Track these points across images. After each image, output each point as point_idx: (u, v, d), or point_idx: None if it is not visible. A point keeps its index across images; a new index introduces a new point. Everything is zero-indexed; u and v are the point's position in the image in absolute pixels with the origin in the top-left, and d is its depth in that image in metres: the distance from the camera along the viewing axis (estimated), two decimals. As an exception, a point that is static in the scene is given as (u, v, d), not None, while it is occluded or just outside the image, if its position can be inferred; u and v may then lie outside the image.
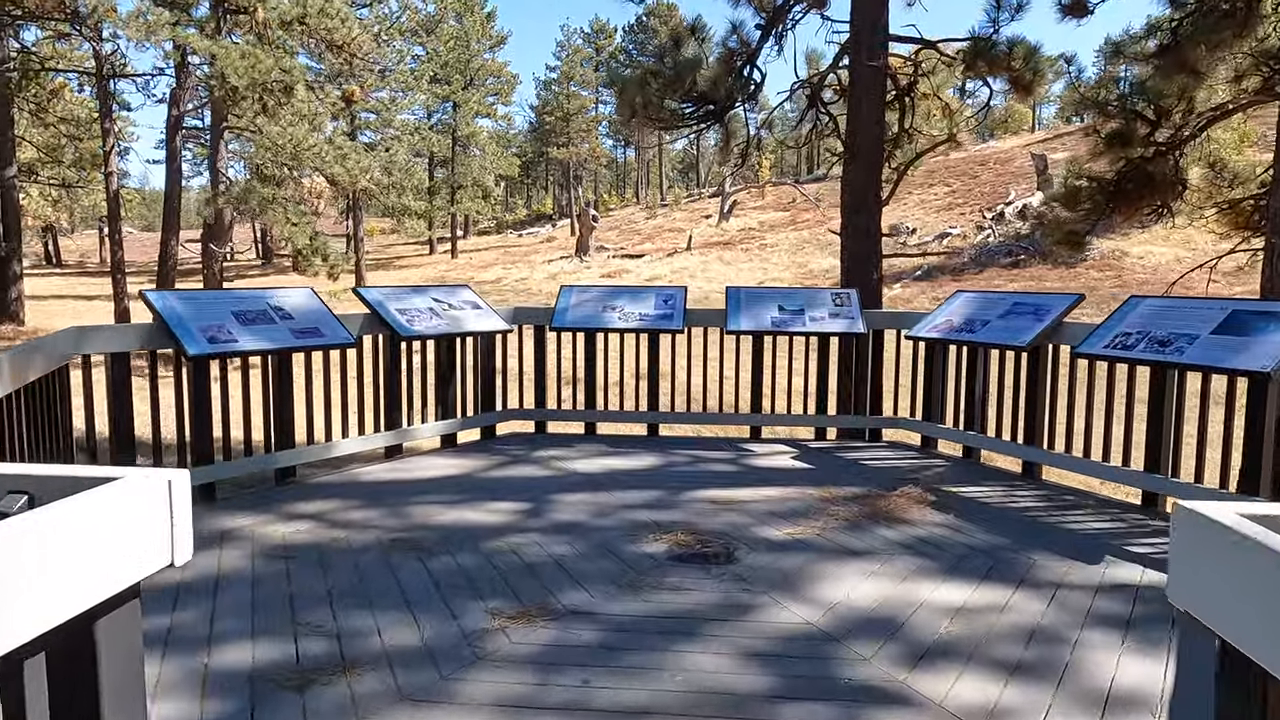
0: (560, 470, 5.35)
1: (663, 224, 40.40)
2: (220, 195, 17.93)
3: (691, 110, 10.46)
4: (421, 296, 5.80)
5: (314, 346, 4.81)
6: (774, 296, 6.34)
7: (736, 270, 28.48)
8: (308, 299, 5.09)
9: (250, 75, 16.76)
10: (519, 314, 6.47)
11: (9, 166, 20.66)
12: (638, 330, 6.20)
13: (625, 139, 58.08)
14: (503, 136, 44.68)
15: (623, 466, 5.45)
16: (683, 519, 4.37)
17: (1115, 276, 25.79)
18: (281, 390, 4.95)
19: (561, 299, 6.42)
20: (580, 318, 6.24)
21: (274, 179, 19.77)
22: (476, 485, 5.01)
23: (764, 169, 44.48)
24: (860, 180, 9.46)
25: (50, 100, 22.40)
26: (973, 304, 5.69)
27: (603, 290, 6.55)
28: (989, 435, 5.65)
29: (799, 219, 36.32)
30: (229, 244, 26.29)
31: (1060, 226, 10.75)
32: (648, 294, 6.45)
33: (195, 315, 4.47)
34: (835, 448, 6.08)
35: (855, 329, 6.01)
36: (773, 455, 5.81)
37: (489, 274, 33.28)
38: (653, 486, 4.98)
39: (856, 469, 5.46)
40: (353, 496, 4.75)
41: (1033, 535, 4.17)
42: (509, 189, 59.57)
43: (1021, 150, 41.38)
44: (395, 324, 5.36)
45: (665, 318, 6.21)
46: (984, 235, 30.51)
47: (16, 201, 20.97)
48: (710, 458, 5.73)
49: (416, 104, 36.33)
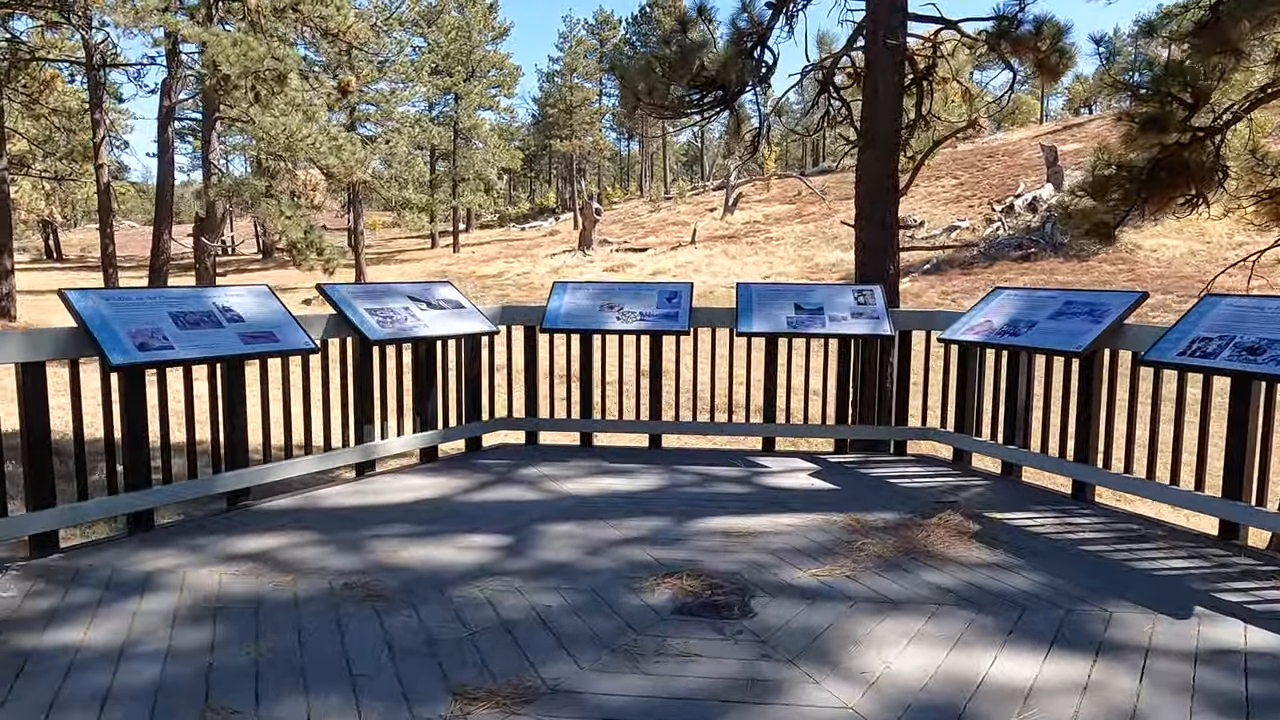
0: (550, 492, 4.69)
1: (667, 217, 39.68)
2: (212, 187, 17.28)
3: (699, 97, 9.77)
4: (396, 295, 5.14)
5: (265, 353, 4.16)
6: (789, 294, 5.67)
7: (741, 264, 27.78)
8: (262, 299, 4.43)
9: (242, 63, 16.09)
10: (507, 313, 5.81)
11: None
12: (638, 331, 5.53)
13: (629, 131, 57.25)
14: (505, 129, 43.93)
15: (621, 488, 4.80)
16: (689, 557, 3.71)
17: (1128, 270, 25.10)
18: (231, 402, 4.30)
19: (554, 297, 5.76)
20: (575, 318, 5.58)
21: (269, 171, 19.11)
22: (452, 512, 4.35)
23: (769, 161, 43.72)
24: (876, 169, 8.78)
25: (42, 91, 21.76)
26: (1016, 303, 5.01)
27: (600, 287, 5.88)
28: (1032, 450, 4.98)
29: (805, 212, 35.58)
30: (223, 238, 25.67)
31: (1088, 217, 10.04)
32: (649, 291, 5.78)
33: (125, 318, 3.82)
34: (858, 463, 5.42)
35: (881, 330, 5.34)
36: (790, 473, 5.15)
37: (491, 268, 32.62)
38: (655, 513, 4.32)
39: (885, 489, 4.79)
40: (309, 526, 4.10)
41: (1101, 577, 3.51)
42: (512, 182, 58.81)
43: (1030, 142, 40.55)
44: (363, 326, 4.70)
45: (669, 317, 5.54)
46: (993, 228, 29.79)
47: (7, 195, 20.36)
48: (719, 475, 5.07)
49: (417, 96, 35.62)
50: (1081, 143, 39.43)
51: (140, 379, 3.91)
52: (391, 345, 4.94)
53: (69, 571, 3.50)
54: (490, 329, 5.42)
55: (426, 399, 5.29)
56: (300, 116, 17.48)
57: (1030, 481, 5.06)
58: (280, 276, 31.77)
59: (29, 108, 21.47)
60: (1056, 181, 31.72)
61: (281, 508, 4.41)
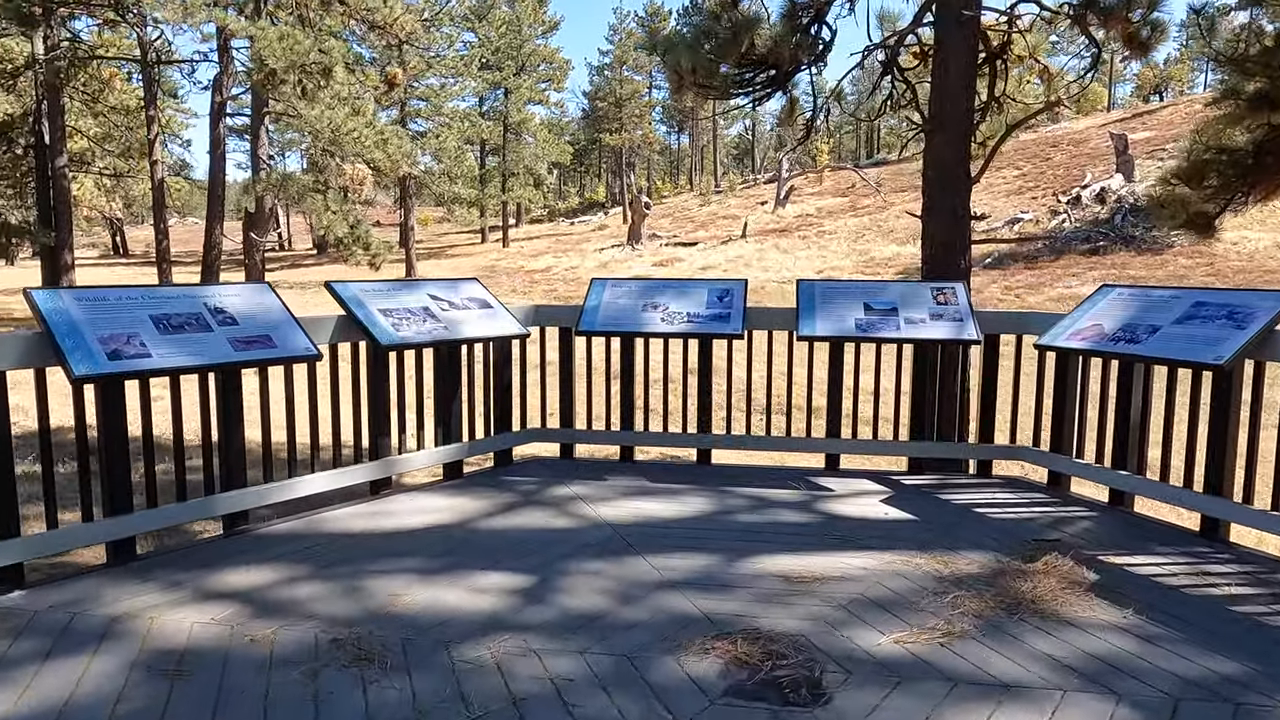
0: (582, 519, 4.08)
1: (717, 211, 38.84)
2: (259, 183, 17.12)
3: (749, 76, 9.06)
4: (415, 293, 4.58)
5: (259, 361, 3.63)
6: (857, 291, 4.95)
7: (794, 259, 26.89)
8: (260, 297, 3.90)
9: (288, 57, 15.83)
10: (540, 314, 5.21)
11: (59, 156, 20.24)
12: (685, 334, 4.88)
13: (679, 125, 56.40)
14: (555, 124, 43.52)
15: (663, 513, 4.16)
16: (742, 609, 3.06)
17: (1207, 264, 23.56)
18: (227, 415, 3.79)
19: (591, 295, 5.14)
20: (614, 319, 4.95)
21: (317, 165, 18.92)
22: (470, 542, 3.77)
23: (822, 154, 42.54)
24: (947, 155, 7.97)
25: (101, 90, 21.96)
26: (1131, 303, 4.23)
27: (642, 284, 5.23)
28: (1149, 477, 4.20)
29: (859, 205, 34.42)
30: (277, 232, 25.75)
31: (1184, 207, 9.06)
32: (698, 288, 5.12)
33: (97, 322, 3.32)
34: (936, 486, 4.69)
35: (967, 335, 4.60)
36: (858, 496, 4.45)
37: (539, 262, 32.27)
38: (701, 548, 3.68)
39: (972, 521, 4.07)
40: (308, 557, 3.56)
41: (1265, 652, 2.76)
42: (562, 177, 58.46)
43: (1097, 130, 38.63)
44: (375, 329, 4.15)
45: (720, 319, 4.88)
46: (1059, 220, 28.35)
47: (67, 191, 20.57)
48: (776, 500, 4.40)
49: (467, 91, 35.36)
50: (1153, 130, 37.42)
51: (118, 390, 3.42)
52: (410, 350, 4.38)
53: (24, 615, 3.01)
54: (520, 331, 4.82)
55: (450, 409, 4.73)
56: (346, 110, 17.19)
57: (1144, 514, 4.28)
58: (334, 272, 31.87)
59: (89, 106, 21.68)
60: (1127, 171, 30.07)
61: (282, 532, 3.89)
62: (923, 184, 8.66)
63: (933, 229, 8.35)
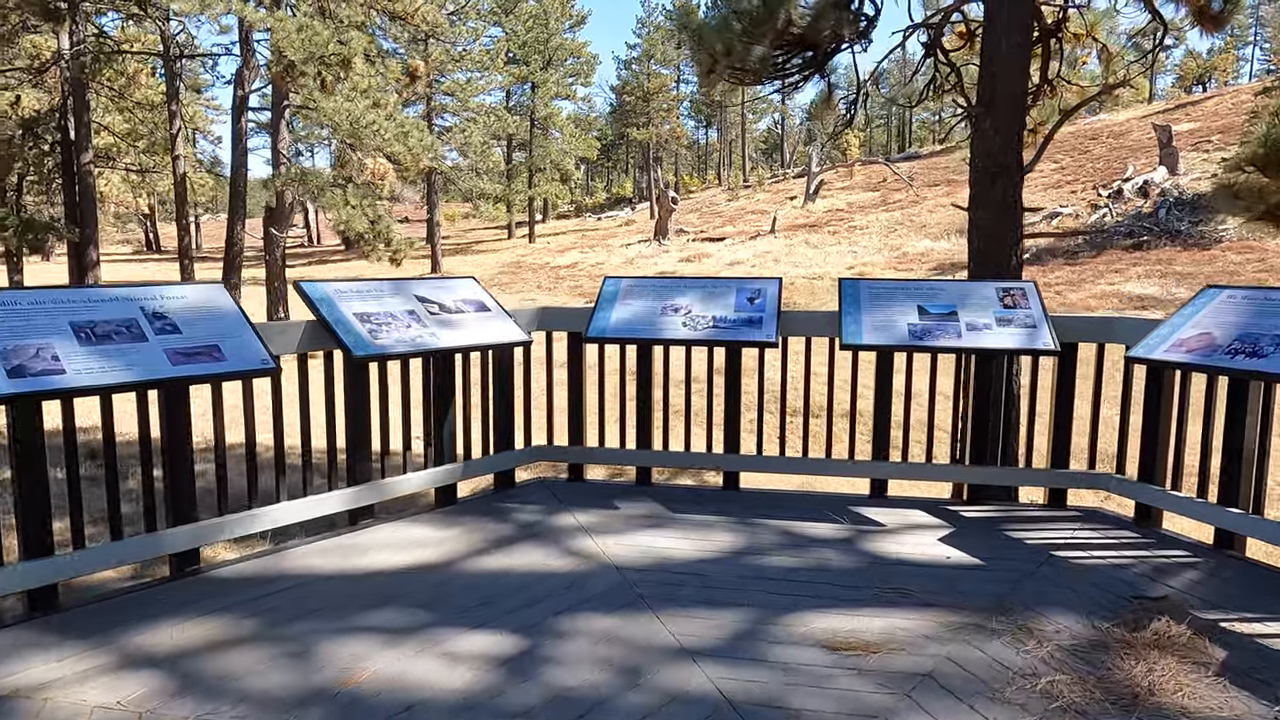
0: (587, 559, 3.45)
1: (745, 206, 38.01)
2: (278, 177, 16.71)
3: (784, 58, 8.34)
4: (400, 294, 3.96)
5: (201, 377, 3.04)
6: (909, 292, 4.25)
7: (824, 254, 26.04)
8: (211, 299, 3.31)
9: (306, 49, 15.37)
10: (546, 316, 4.58)
11: (85, 152, 20.03)
12: (710, 341, 4.22)
13: (707, 118, 55.47)
14: (582, 119, 42.91)
15: (682, 553, 3.52)
16: (776, 694, 2.41)
17: (1259, 260, 22.38)
18: (174, 436, 3.21)
19: (604, 295, 4.49)
20: (629, 324, 4.30)
21: (340, 159, 18.49)
22: (454, 590, 3.16)
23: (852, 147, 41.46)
24: (997, 141, 7.21)
25: (127, 86, 21.74)
26: (1244, 308, 3.49)
27: (662, 283, 4.57)
28: (1267, 517, 3.47)
29: (890, 200, 33.41)
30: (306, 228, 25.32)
31: (1262, 197, 8.21)
32: (725, 288, 4.46)
33: (4, 331, 2.75)
34: (1002, 518, 3.99)
35: (1042, 343, 3.88)
36: (911, 532, 3.77)
37: (565, 258, 31.71)
38: (726, 601, 3.03)
39: (1053, 568, 3.37)
40: (261, 610, 2.96)
41: None
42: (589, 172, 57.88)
43: (1139, 122, 37.21)
44: (348, 337, 3.54)
45: (750, 324, 4.21)
46: (1100, 214, 27.21)
47: (92, 187, 20.36)
48: (816, 536, 3.73)
49: (494, 85, 34.83)
50: (1197, 122, 35.94)
51: (32, 410, 2.84)
52: (396, 360, 3.77)
53: (-103, 689, 2.45)
54: (521, 338, 4.19)
55: (442, 426, 4.12)
56: (366, 103, 16.71)
57: (1261, 560, 3.55)
58: (360, 268, 31.60)
59: (115, 101, 21.47)
60: (1171, 164, 28.82)
61: (237, 575, 3.30)
62: (970, 173, 7.90)
63: (981, 221, 7.59)
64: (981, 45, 7.83)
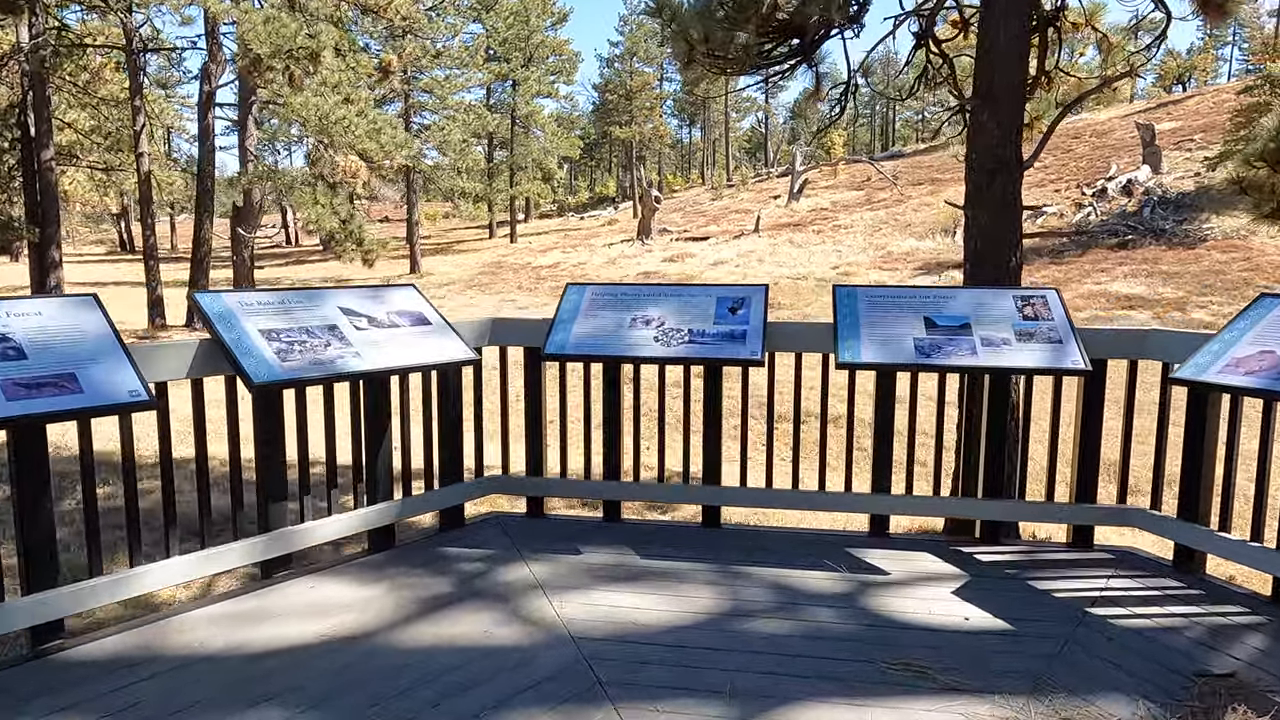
0: (536, 627, 2.85)
1: (729, 205, 37.48)
2: (245, 174, 15.97)
3: (770, 47, 7.76)
4: (320, 306, 3.34)
5: (46, 416, 2.42)
6: (915, 300, 3.68)
7: (809, 254, 25.56)
8: (74, 316, 2.69)
9: (274, 42, 14.65)
10: (500, 329, 3.97)
11: (46, 149, 19.17)
12: (686, 359, 3.64)
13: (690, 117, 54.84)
14: (565, 117, 42.18)
15: (651, 616, 2.93)
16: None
17: (1244, 259, 22.14)
18: (25, 491, 2.59)
19: (565, 304, 3.89)
20: (592, 338, 3.71)
21: (311, 156, 17.77)
22: (366, 675, 2.55)
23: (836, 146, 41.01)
24: (995, 134, 6.68)
25: (92, 81, 20.86)
26: (1315, 323, 2.95)
27: (633, 291, 3.97)
28: (1339, 568, 2.93)
29: (874, 199, 32.99)
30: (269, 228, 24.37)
31: (1271, 195, 7.72)
32: (703, 296, 3.87)
33: None
34: (1022, 562, 3.43)
35: (1070, 361, 3.32)
36: (921, 585, 3.20)
37: (547, 258, 31.06)
38: (700, 687, 2.44)
39: (1088, 631, 2.81)
40: (112, 705, 2.35)
41: None
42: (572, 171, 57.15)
43: (1121, 121, 37.01)
44: (246, 359, 2.92)
45: (733, 338, 3.62)
46: (1084, 213, 26.89)
47: (54, 185, 19.49)
48: (810, 589, 3.15)
49: (474, 82, 34.07)
50: (1179, 121, 35.78)
51: None
52: (318, 384, 3.15)
53: None
54: (465, 357, 3.58)
55: (376, 458, 3.51)
56: (337, 98, 16.00)
57: (1330, 617, 3.00)
58: (339, 269, 30.78)
59: (78, 97, 20.58)
60: (1154, 163, 28.59)
61: (104, 656, 2.67)
62: (966, 170, 7.36)
63: (979, 221, 7.06)
64: (979, 33, 7.27)
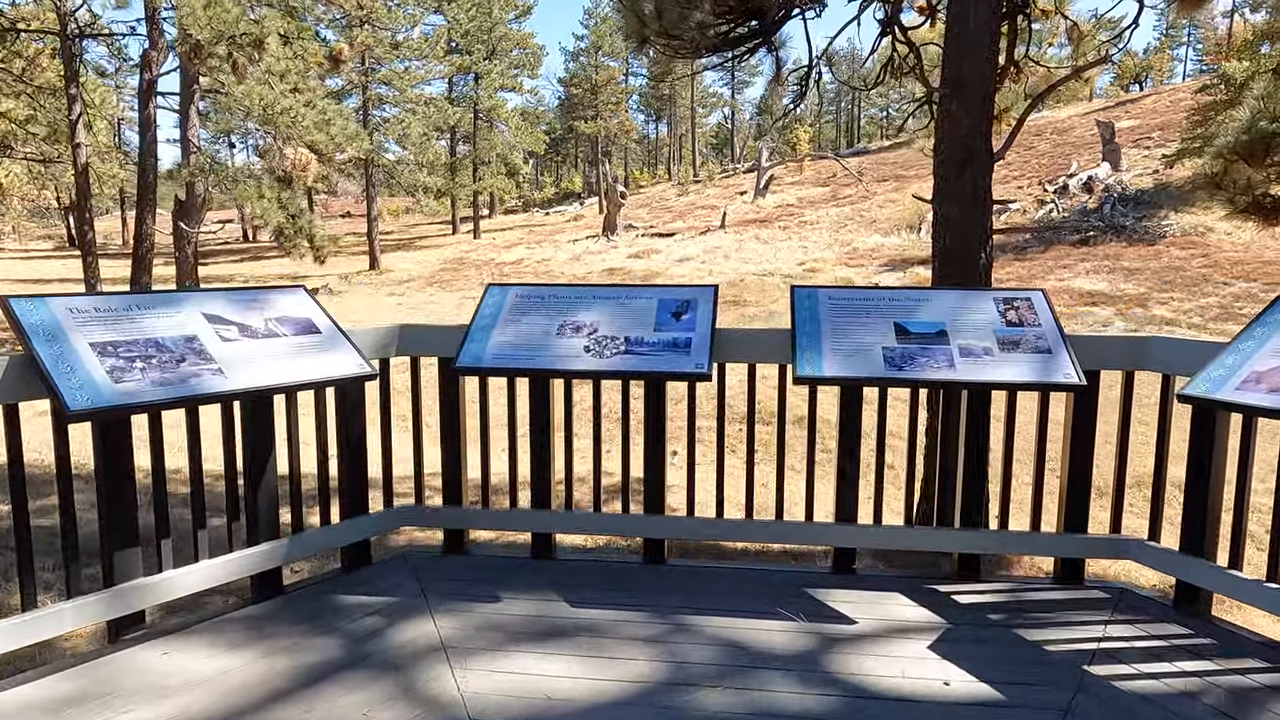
0: (431, 703, 2.32)
1: (695, 201, 37.05)
2: (186, 166, 15.12)
3: (727, 28, 7.26)
4: (179, 313, 2.76)
5: None
6: (883, 303, 3.19)
7: (775, 250, 25.23)
8: None
9: (214, 27, 13.86)
10: (410, 337, 3.41)
11: (-24, 139, 18.09)
12: (623, 373, 3.12)
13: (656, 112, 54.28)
14: (530, 112, 41.34)
15: (573, 687, 2.41)
16: None
17: (1202, 255, 22.26)
18: None
19: (484, 308, 3.35)
20: (513, 348, 3.17)
21: (260, 149, 16.94)
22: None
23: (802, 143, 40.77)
24: (964, 124, 6.27)
25: (28, 68, 19.73)
26: (1347, 331, 2.51)
27: (562, 292, 3.43)
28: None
29: (840, 195, 32.79)
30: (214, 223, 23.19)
31: (1246, 189, 7.41)
32: (643, 298, 3.35)
33: None
34: (1008, 603, 2.97)
35: (1063, 374, 2.85)
36: (894, 639, 2.72)
37: (511, 254, 30.38)
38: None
39: (1088, 699, 2.35)
40: None
41: None
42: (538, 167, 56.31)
43: (1080, 119, 37.22)
44: (67, 381, 2.34)
45: (676, 348, 3.11)
46: (1046, 210, 26.91)
47: (-15, 178, 18.40)
48: (761, 649, 2.66)
49: (434, 75, 33.13)
50: (1137, 119, 36.12)
51: None
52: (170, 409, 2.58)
53: None
54: (358, 373, 3.02)
55: (257, 490, 2.95)
56: (284, 87, 15.20)
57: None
58: (293, 266, 29.77)
59: (13, 85, 19.45)
60: (1114, 160, 28.77)
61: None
62: (935, 162, 6.94)
63: (948, 215, 6.64)
64: (947, 18, 6.85)
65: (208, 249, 37.67)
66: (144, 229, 17.67)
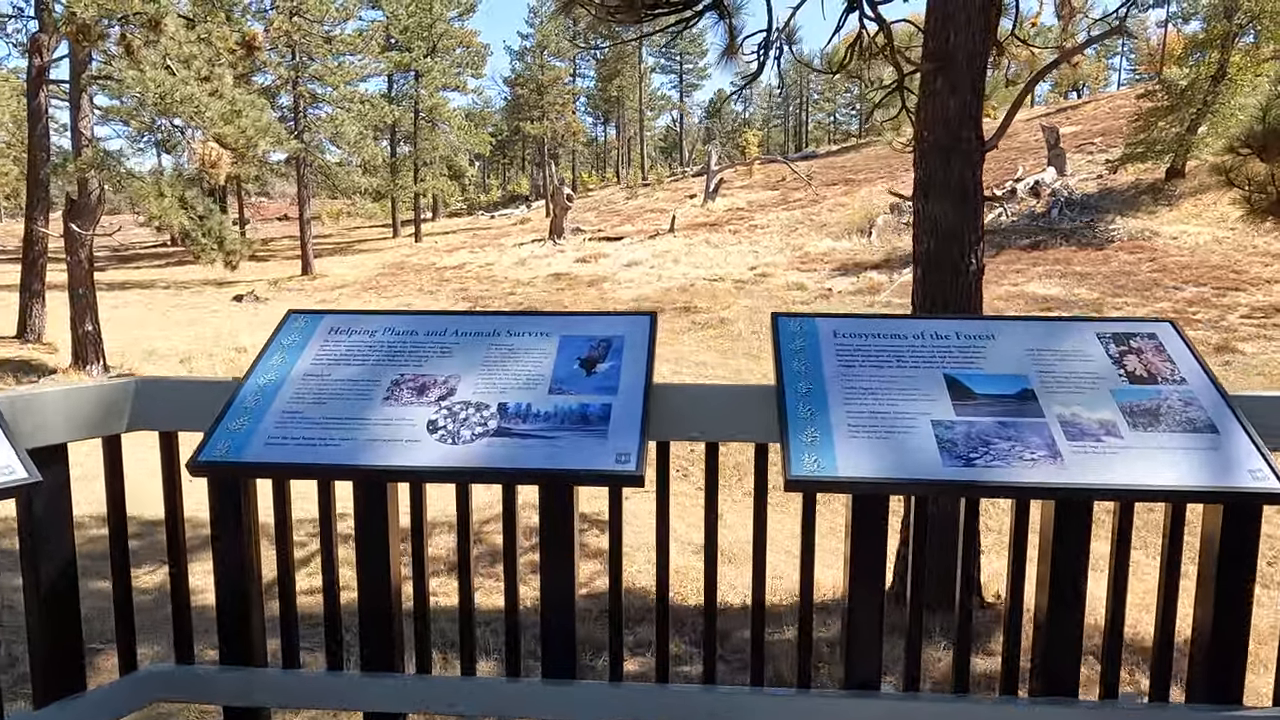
0: None
1: (644, 205, 35.88)
2: (72, 162, 13.33)
3: (672, -9, 6.02)
4: None
5: None
6: (919, 343, 1.95)
7: (725, 254, 24.18)
8: None
9: (101, 6, 12.12)
10: (149, 398, 2.05)
11: None
12: (494, 474, 1.81)
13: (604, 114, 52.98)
14: (474, 112, 39.64)
15: None
16: None
17: (1150, 260, 22.02)
18: None
19: (271, 353, 2.01)
20: (305, 429, 1.84)
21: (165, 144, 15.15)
22: None
23: (751, 146, 39.92)
24: (951, 106, 5.18)
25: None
26: None
27: (401, 324, 2.08)
28: None
29: (790, 199, 31.98)
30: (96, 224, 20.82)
31: (1263, 186, 6.43)
32: (539, 332, 2.04)
33: None
34: None
35: (1255, 478, 1.65)
36: None
37: (453, 258, 28.77)
38: None
39: None
40: None
41: None
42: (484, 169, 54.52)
43: (1025, 124, 37.07)
44: None
45: (585, 423, 1.83)
46: (995, 214, 26.42)
47: None
48: None
49: (371, 72, 31.31)
50: (1079, 125, 36.19)
51: None
52: None
53: None
54: (15, 479, 1.66)
55: None
56: (188, 73, 13.49)
57: None
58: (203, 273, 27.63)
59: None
60: (1059, 165, 28.56)
61: None
62: (916, 152, 5.78)
63: (934, 213, 5.48)
64: (928, -10, 5.72)
65: (131, 252, 35.12)
66: (35, 230, 15.74)
